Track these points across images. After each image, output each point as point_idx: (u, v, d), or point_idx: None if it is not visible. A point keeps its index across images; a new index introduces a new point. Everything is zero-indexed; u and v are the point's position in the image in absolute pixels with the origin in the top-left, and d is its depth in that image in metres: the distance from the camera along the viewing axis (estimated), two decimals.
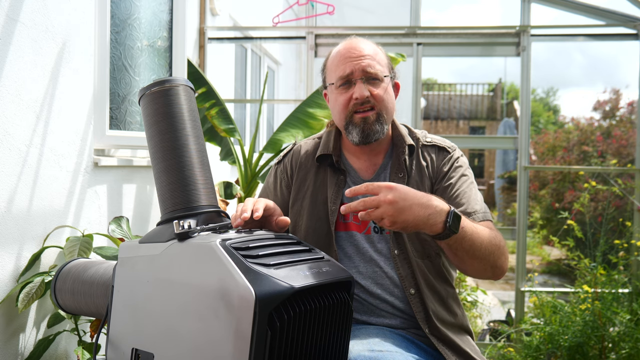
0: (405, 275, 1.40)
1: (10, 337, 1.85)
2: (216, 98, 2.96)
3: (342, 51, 1.44)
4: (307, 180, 1.51)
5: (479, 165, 16.39)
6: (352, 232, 1.45)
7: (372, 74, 1.40)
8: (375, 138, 1.42)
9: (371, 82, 1.41)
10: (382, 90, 1.41)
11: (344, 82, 1.41)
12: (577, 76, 66.02)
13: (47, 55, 1.98)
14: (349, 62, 1.41)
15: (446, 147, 1.48)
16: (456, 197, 1.40)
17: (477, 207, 1.39)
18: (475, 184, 1.47)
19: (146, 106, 1.20)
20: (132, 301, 1.07)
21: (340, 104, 1.43)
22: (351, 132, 1.42)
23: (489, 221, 1.38)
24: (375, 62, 1.41)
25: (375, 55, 1.43)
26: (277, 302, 0.93)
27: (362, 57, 1.41)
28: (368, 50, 1.43)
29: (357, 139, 1.41)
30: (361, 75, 1.40)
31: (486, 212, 1.40)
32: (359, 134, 1.41)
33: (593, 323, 2.75)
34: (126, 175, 2.51)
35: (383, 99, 1.41)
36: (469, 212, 1.37)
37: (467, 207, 1.38)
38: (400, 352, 1.23)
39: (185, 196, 1.13)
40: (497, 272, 1.33)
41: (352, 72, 1.40)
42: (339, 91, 1.42)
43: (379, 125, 1.41)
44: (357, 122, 1.41)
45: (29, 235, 1.91)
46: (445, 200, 1.40)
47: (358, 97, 1.39)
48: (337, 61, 1.44)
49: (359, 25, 5.53)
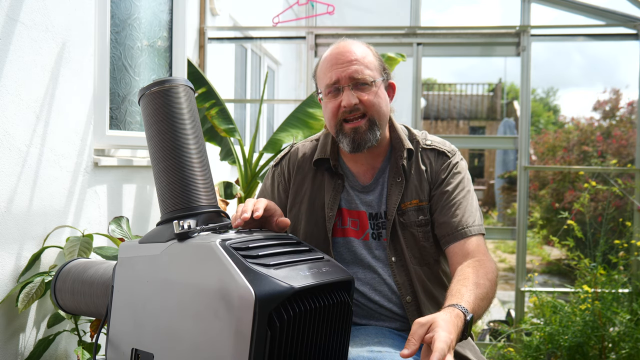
0: (402, 282, 1.39)
1: (10, 337, 1.85)
2: (216, 98, 2.96)
3: (329, 57, 1.40)
4: (304, 184, 1.49)
5: (479, 165, 16.39)
6: (350, 238, 1.43)
7: (359, 80, 1.36)
8: (368, 146, 1.38)
9: (360, 87, 1.36)
10: (372, 95, 1.37)
11: (331, 91, 1.38)
12: (577, 76, 66.05)
13: (47, 55, 1.98)
14: (334, 69, 1.37)
15: (446, 152, 1.45)
16: (451, 206, 1.38)
17: (471, 220, 1.37)
18: (472, 191, 1.44)
19: (146, 106, 1.20)
20: (132, 301, 1.07)
21: (329, 112, 1.39)
22: (342, 141, 1.39)
23: (481, 236, 1.36)
24: (362, 67, 1.36)
25: (364, 58, 1.38)
26: (277, 302, 0.93)
27: (349, 63, 1.36)
28: (356, 55, 1.37)
29: (349, 149, 1.39)
30: (348, 82, 1.35)
31: (480, 225, 1.38)
32: (350, 143, 1.37)
33: (593, 323, 2.74)
34: (126, 175, 2.51)
35: (373, 104, 1.37)
36: (462, 227, 1.35)
37: (461, 220, 1.36)
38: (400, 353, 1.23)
39: (185, 196, 1.13)
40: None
41: (338, 80, 1.36)
42: (328, 99, 1.39)
43: (371, 133, 1.37)
44: (347, 131, 1.37)
45: (29, 235, 1.91)
46: (440, 208, 1.39)
47: (346, 106, 1.35)
48: (324, 68, 1.40)
49: (359, 25, 5.52)
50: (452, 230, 1.36)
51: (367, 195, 1.44)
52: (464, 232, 1.35)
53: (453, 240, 1.35)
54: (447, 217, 1.37)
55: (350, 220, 1.44)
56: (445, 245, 1.38)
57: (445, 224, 1.37)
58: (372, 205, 1.43)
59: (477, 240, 1.35)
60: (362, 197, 1.45)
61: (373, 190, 1.45)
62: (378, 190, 1.44)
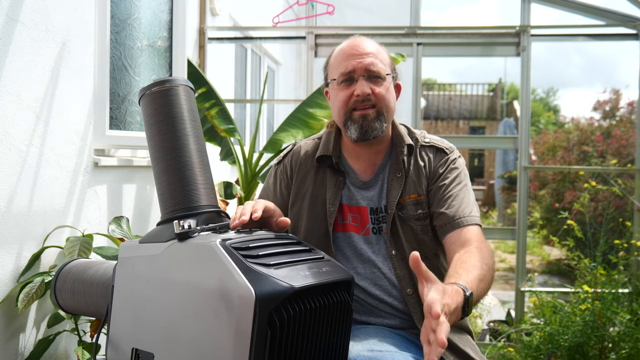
0: (402, 275, 1.40)
1: (10, 337, 1.85)
2: (216, 98, 2.96)
3: (346, 49, 1.44)
4: (306, 181, 1.51)
5: (479, 165, 16.39)
6: (350, 233, 1.45)
7: (374, 72, 1.41)
8: (374, 135, 1.41)
9: (373, 80, 1.41)
10: (384, 89, 1.42)
11: (345, 79, 1.42)
12: (577, 76, 66.08)
13: (47, 55, 1.98)
14: (352, 59, 1.41)
15: (444, 148, 1.49)
16: (447, 198, 1.40)
17: (467, 210, 1.39)
18: (469, 186, 1.47)
19: (146, 106, 1.20)
20: (132, 301, 1.07)
21: (340, 100, 1.42)
22: (349, 128, 1.42)
23: (477, 225, 1.37)
24: (378, 61, 1.42)
25: (378, 54, 1.44)
26: (277, 302, 0.93)
27: (365, 55, 1.41)
28: (371, 49, 1.43)
29: (356, 136, 1.41)
30: (363, 73, 1.40)
31: (476, 216, 1.40)
32: (358, 130, 1.40)
33: (593, 323, 2.75)
34: (126, 175, 2.51)
35: (384, 98, 1.41)
36: (459, 216, 1.37)
37: (458, 210, 1.38)
38: (400, 352, 1.23)
39: (185, 196, 1.13)
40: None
41: (354, 70, 1.40)
42: (341, 87, 1.43)
43: (378, 122, 1.41)
44: (356, 118, 1.41)
45: (29, 235, 1.91)
46: (437, 201, 1.41)
47: (360, 94, 1.39)
48: (340, 58, 1.44)
49: (359, 25, 5.52)
50: (449, 220, 1.38)
51: (368, 191, 1.47)
52: (460, 222, 1.36)
53: (450, 229, 1.37)
54: (443, 208, 1.40)
55: (350, 216, 1.46)
56: (442, 236, 1.39)
57: (442, 214, 1.39)
58: (373, 200, 1.46)
59: (474, 229, 1.36)
60: (363, 192, 1.47)
61: (373, 185, 1.47)
62: (378, 185, 1.47)
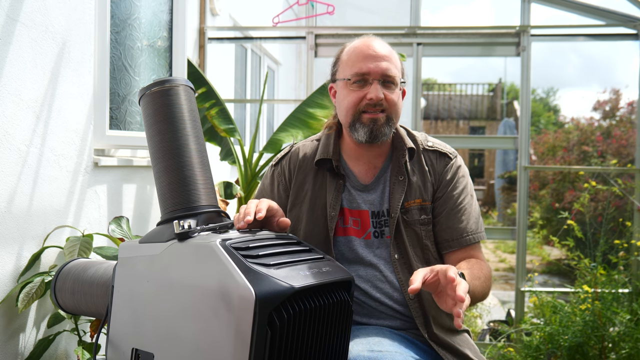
0: (405, 279, 1.39)
1: (10, 337, 1.85)
2: (216, 98, 2.96)
3: (362, 47, 1.40)
4: (305, 185, 1.49)
5: (479, 165, 16.39)
6: (351, 237, 1.44)
7: (389, 77, 1.38)
8: (382, 139, 1.41)
9: (386, 85, 1.38)
10: (396, 95, 1.40)
11: (359, 80, 1.38)
12: (576, 76, 66.04)
13: (47, 55, 1.98)
14: (368, 61, 1.38)
15: (447, 153, 1.48)
16: (457, 212, 1.43)
17: (474, 226, 1.43)
18: (474, 195, 1.49)
19: (146, 106, 1.20)
20: (132, 301, 1.07)
21: (350, 101, 1.40)
22: (357, 130, 1.40)
23: (480, 243, 1.45)
24: (393, 66, 1.39)
25: (393, 58, 1.41)
26: (277, 302, 0.93)
27: (382, 58, 1.38)
28: (387, 52, 1.40)
29: (364, 138, 1.39)
30: (379, 77, 1.37)
31: (481, 232, 1.45)
32: (367, 133, 1.39)
33: (593, 323, 2.75)
34: (126, 175, 2.51)
35: (395, 104, 1.40)
36: (467, 233, 1.42)
37: (466, 226, 1.42)
38: (400, 352, 1.23)
39: (185, 196, 1.13)
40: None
41: (369, 72, 1.37)
42: (353, 87, 1.39)
43: (388, 128, 1.40)
44: (365, 121, 1.38)
45: (29, 235, 1.91)
46: (447, 212, 1.44)
47: (373, 98, 1.36)
48: (354, 57, 1.40)
49: (359, 25, 5.52)
50: (457, 236, 1.41)
51: (369, 194, 1.46)
52: (468, 240, 1.42)
53: (456, 246, 1.41)
54: (452, 222, 1.42)
55: (351, 220, 1.44)
56: (446, 249, 1.43)
57: (449, 228, 1.42)
58: (374, 204, 1.45)
59: (477, 247, 1.44)
60: (364, 196, 1.45)
61: (374, 189, 1.46)
62: (380, 189, 1.45)
